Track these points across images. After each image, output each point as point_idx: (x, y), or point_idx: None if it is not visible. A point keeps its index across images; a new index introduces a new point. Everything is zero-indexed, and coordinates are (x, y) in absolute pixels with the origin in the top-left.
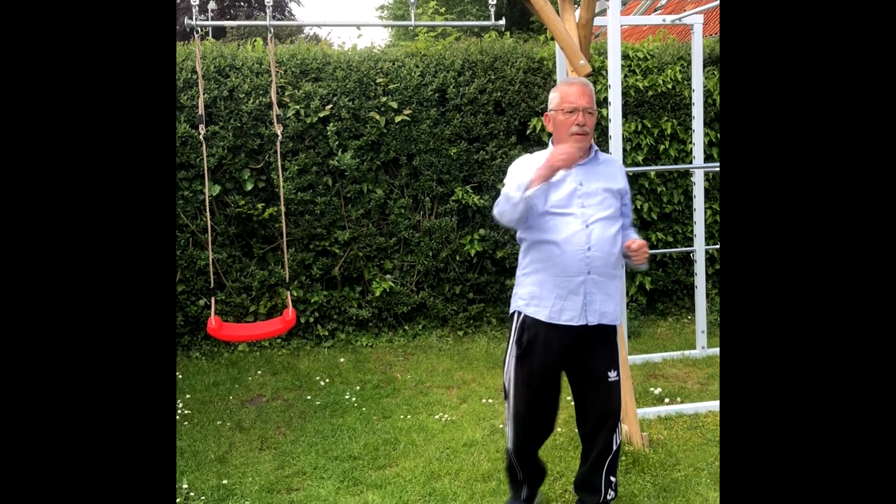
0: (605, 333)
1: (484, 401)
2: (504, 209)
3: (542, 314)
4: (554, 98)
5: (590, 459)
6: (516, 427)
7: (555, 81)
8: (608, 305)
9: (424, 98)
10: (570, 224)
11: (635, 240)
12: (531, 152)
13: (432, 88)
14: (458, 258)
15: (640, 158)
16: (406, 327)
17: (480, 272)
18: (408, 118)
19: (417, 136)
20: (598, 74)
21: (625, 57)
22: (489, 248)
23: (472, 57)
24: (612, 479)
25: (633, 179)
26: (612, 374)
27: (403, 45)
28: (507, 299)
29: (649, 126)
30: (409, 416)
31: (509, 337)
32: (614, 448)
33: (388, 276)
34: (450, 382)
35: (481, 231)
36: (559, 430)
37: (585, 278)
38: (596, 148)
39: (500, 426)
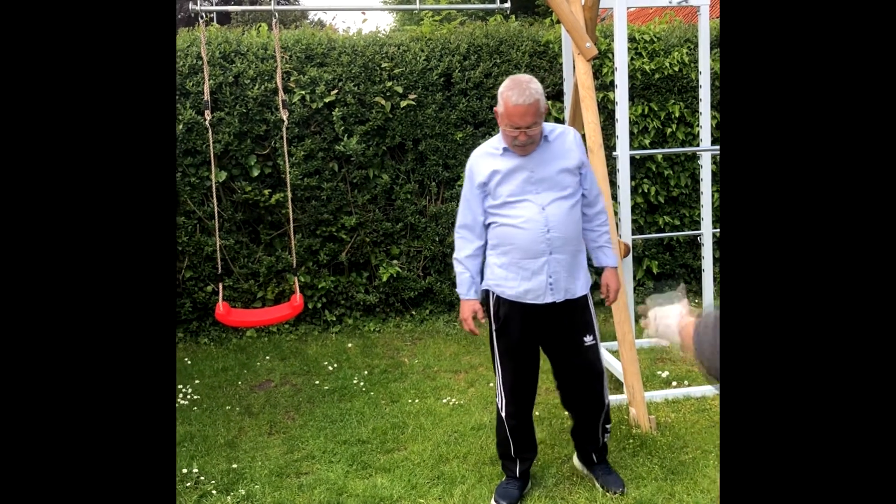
0: (574, 304)
1: (491, 384)
2: (455, 261)
3: (508, 294)
4: (501, 104)
5: (582, 418)
6: (505, 393)
7: (560, 65)
8: (573, 282)
9: (430, 82)
10: (526, 209)
11: (611, 285)
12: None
13: (437, 73)
14: None
15: (646, 142)
16: (413, 312)
17: None
18: (413, 103)
19: (423, 121)
20: (604, 57)
21: (631, 39)
22: None
23: (478, 41)
24: (607, 426)
25: (640, 163)
26: (588, 339)
27: (408, 30)
28: None
29: (656, 109)
30: (416, 401)
31: (488, 312)
32: (605, 403)
33: (395, 262)
34: (457, 367)
35: None
36: (565, 413)
37: (548, 258)
38: (546, 132)
39: None
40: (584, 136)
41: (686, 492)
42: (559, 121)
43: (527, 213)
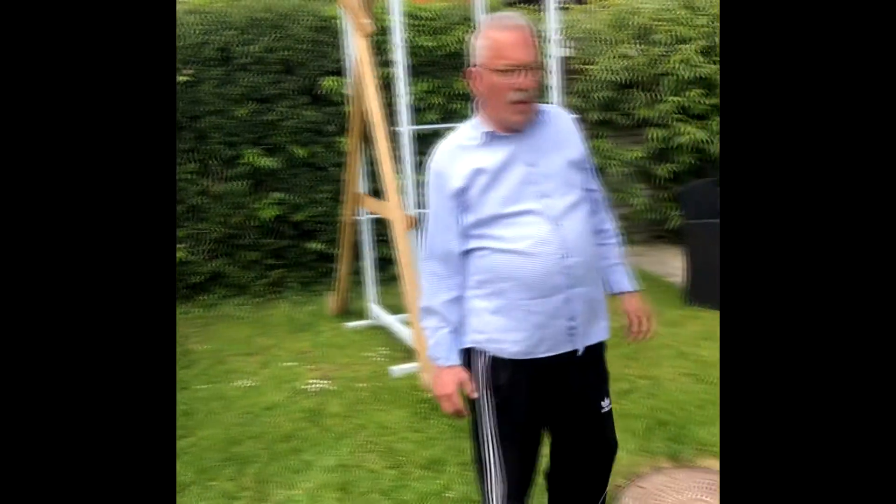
0: (592, 354)
1: (284, 364)
2: (424, 312)
3: (511, 351)
4: (482, 49)
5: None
6: (509, 492)
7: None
8: (596, 322)
9: (207, 57)
10: (532, 225)
11: (641, 311)
12: (319, 114)
13: (215, 47)
14: (252, 223)
15: (433, 118)
16: (202, 297)
17: (278, 236)
18: (190, 78)
19: (201, 98)
20: (387, 34)
21: (412, 17)
22: (286, 212)
23: (257, 14)
24: None
25: (429, 139)
26: (606, 404)
27: (183, 2)
28: (308, 263)
29: (441, 86)
30: (206, 386)
31: (478, 381)
32: (607, 489)
33: (179, 246)
34: (250, 349)
35: (275, 195)
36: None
37: (567, 295)
38: (539, 108)
39: (302, 387)
40: (363, 113)
41: None
42: (343, 97)
43: (534, 232)
